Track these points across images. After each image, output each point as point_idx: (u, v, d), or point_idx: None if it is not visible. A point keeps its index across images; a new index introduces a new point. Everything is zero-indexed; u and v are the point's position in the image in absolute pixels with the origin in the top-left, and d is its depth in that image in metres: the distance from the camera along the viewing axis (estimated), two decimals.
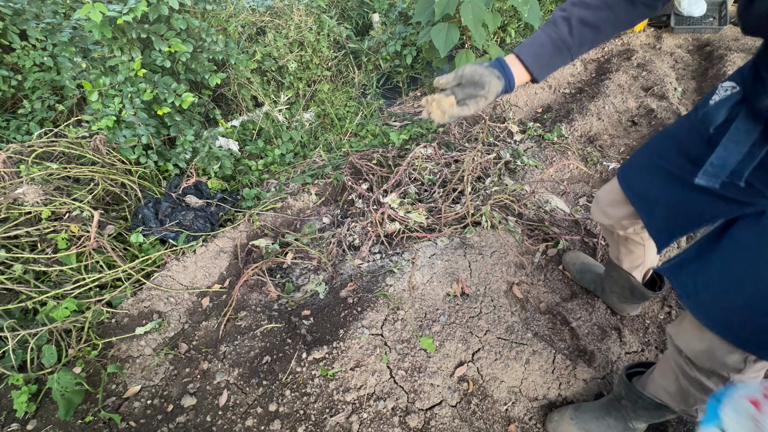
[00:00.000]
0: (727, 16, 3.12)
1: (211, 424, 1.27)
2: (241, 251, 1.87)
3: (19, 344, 1.37)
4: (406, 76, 3.37)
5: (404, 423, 1.25)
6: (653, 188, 0.90)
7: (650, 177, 0.92)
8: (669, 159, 0.87)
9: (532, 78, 0.88)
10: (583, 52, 0.86)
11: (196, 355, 1.46)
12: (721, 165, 0.69)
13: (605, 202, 1.11)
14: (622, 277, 1.32)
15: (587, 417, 1.18)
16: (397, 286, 1.57)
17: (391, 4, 3.45)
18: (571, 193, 2.06)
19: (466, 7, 2.09)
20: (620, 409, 1.12)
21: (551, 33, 0.84)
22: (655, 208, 0.90)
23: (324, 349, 1.39)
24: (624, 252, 1.23)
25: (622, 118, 2.49)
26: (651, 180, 0.91)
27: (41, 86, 2.18)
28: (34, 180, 1.75)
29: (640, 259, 1.22)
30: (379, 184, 2.17)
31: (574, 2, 0.83)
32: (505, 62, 0.87)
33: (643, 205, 0.93)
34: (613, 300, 1.47)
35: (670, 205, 0.86)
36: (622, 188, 1.00)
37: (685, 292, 0.77)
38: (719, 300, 0.72)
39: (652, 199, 0.90)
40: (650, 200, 0.91)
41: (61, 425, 1.26)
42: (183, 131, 2.09)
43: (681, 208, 0.84)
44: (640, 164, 0.96)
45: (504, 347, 1.41)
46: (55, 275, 1.59)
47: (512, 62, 0.87)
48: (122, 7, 1.75)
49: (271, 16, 2.87)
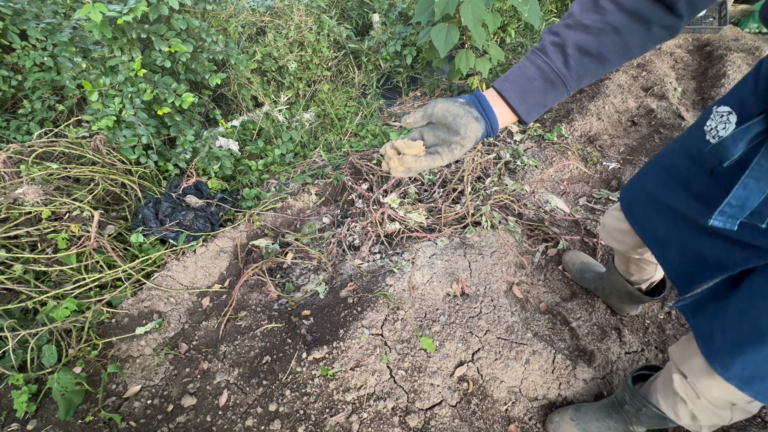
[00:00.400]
0: (727, 16, 3.12)
1: (211, 424, 1.27)
2: (241, 251, 1.87)
3: (19, 344, 1.37)
4: (406, 76, 3.37)
5: (404, 423, 1.25)
6: (660, 228, 0.81)
7: (654, 214, 0.83)
8: (670, 195, 0.77)
9: (519, 120, 0.71)
10: (583, 85, 0.70)
11: (196, 355, 1.46)
12: (741, 206, 0.59)
13: (614, 230, 1.06)
14: (620, 283, 1.33)
15: (588, 418, 1.17)
16: (397, 286, 1.57)
17: (391, 4, 3.45)
18: (571, 193, 2.06)
19: (466, 7, 2.09)
20: (621, 413, 1.11)
21: (541, 64, 0.67)
22: (667, 249, 0.81)
23: (324, 349, 1.39)
24: (635, 269, 1.22)
25: (622, 118, 2.49)
26: (656, 218, 0.82)
27: (41, 86, 2.18)
28: (34, 180, 1.75)
29: (650, 274, 1.22)
30: (379, 184, 2.17)
31: (569, 24, 0.65)
32: (485, 100, 0.70)
33: (654, 245, 0.85)
34: (612, 300, 1.48)
35: (683, 246, 0.76)
36: (629, 222, 0.92)
37: (700, 333, 0.73)
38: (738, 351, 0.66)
39: (661, 239, 0.82)
40: (659, 240, 0.82)
41: (61, 425, 1.26)
42: (183, 131, 2.09)
43: (695, 251, 0.74)
44: (642, 199, 0.87)
45: (504, 347, 1.41)
46: (55, 275, 1.59)
47: (494, 99, 0.70)
48: (122, 7, 1.75)
49: (271, 16, 2.87)
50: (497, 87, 0.70)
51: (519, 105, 0.69)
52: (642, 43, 0.65)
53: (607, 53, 0.65)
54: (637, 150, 2.26)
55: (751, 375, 0.65)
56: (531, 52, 0.68)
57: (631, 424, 1.09)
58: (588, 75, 0.67)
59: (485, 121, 0.69)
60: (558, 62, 0.66)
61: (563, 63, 0.66)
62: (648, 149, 2.23)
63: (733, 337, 0.66)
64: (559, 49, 0.66)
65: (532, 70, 0.68)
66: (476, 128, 0.68)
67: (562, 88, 0.68)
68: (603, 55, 0.65)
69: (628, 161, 2.20)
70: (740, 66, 2.70)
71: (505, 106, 0.70)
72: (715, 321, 0.69)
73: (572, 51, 0.65)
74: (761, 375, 0.64)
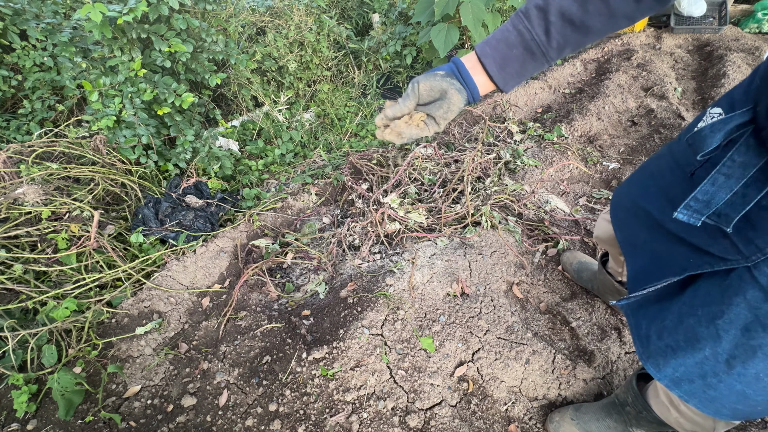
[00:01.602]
0: (727, 16, 3.12)
1: (211, 424, 1.27)
2: (241, 251, 1.87)
3: (19, 344, 1.37)
4: (406, 76, 3.37)
5: (404, 423, 1.25)
6: (637, 233, 0.81)
7: (634, 219, 0.82)
8: (650, 200, 0.76)
9: (497, 88, 0.73)
10: (563, 56, 0.68)
11: (196, 355, 1.46)
12: (707, 202, 0.56)
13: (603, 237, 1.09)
14: (608, 281, 1.36)
15: (588, 417, 1.17)
16: (397, 286, 1.57)
17: (391, 4, 3.45)
18: (571, 193, 2.06)
19: (466, 7, 2.09)
20: (622, 414, 1.09)
21: (523, 30, 0.66)
22: (638, 254, 0.81)
23: (324, 349, 1.39)
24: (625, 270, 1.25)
25: (622, 118, 2.50)
26: (634, 223, 0.82)
27: (41, 86, 2.18)
28: (34, 180, 1.75)
29: None
30: (379, 184, 2.17)
31: None
32: (464, 69, 0.70)
33: (628, 249, 0.84)
34: (607, 297, 1.49)
35: (653, 251, 0.76)
36: (612, 225, 0.92)
37: (638, 334, 0.73)
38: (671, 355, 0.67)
39: (636, 244, 0.81)
40: (634, 245, 0.82)
41: (61, 425, 1.26)
42: (183, 131, 2.09)
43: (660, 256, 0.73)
44: (626, 204, 0.87)
45: (504, 347, 1.41)
46: (55, 275, 1.59)
47: (474, 68, 0.70)
48: (122, 7, 1.75)
49: (271, 16, 2.87)
50: (478, 52, 0.70)
51: (497, 74, 0.69)
52: (630, 13, 0.62)
53: (591, 22, 0.63)
54: (637, 150, 2.26)
55: (680, 377, 0.67)
56: (515, 14, 0.67)
57: (631, 426, 1.09)
58: (569, 45, 0.66)
59: (467, 91, 0.71)
60: (539, 30, 0.65)
61: (544, 31, 0.65)
62: (648, 149, 2.23)
63: (669, 342, 0.67)
64: (542, 14, 0.64)
65: (514, 35, 0.67)
66: (459, 100, 0.71)
67: (542, 59, 0.68)
68: (586, 25, 0.63)
69: (628, 161, 2.20)
70: (740, 66, 2.70)
71: (485, 75, 0.71)
72: (653, 325, 0.70)
73: (555, 18, 0.63)
74: (689, 377, 0.65)
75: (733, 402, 0.62)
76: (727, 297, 0.57)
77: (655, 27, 3.37)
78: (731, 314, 0.56)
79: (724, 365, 0.59)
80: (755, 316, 0.53)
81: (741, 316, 0.55)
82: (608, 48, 3.19)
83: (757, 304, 0.53)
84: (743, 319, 0.55)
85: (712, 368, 0.61)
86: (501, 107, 2.67)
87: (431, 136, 0.74)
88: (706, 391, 0.63)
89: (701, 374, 0.63)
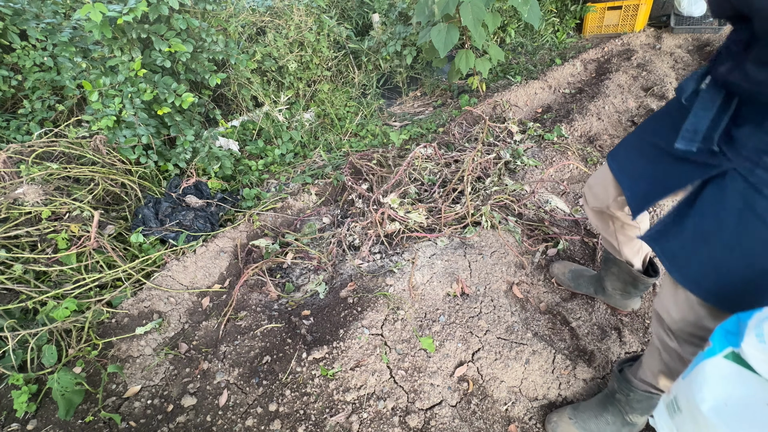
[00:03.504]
0: None
1: (211, 424, 1.27)
2: (241, 251, 1.87)
3: (19, 344, 1.37)
4: (406, 76, 3.37)
5: (404, 423, 1.25)
6: (639, 164, 0.93)
7: (638, 153, 0.95)
8: (661, 135, 0.89)
9: None
10: None
11: (196, 355, 1.46)
12: (694, 130, 0.74)
13: (596, 184, 1.15)
14: (623, 271, 1.33)
15: (585, 416, 1.19)
16: (397, 286, 1.57)
17: (391, 4, 3.45)
18: (571, 193, 2.06)
19: (466, 7, 2.09)
20: (616, 404, 1.14)
21: None
22: (638, 182, 0.93)
23: (324, 349, 1.39)
24: (623, 240, 1.24)
25: (622, 118, 2.50)
26: (639, 156, 0.94)
27: (41, 86, 2.18)
28: (34, 180, 1.75)
29: (638, 244, 1.25)
30: (379, 184, 2.17)
31: None
32: None
33: (626, 180, 0.97)
34: (616, 298, 1.47)
35: (654, 176, 0.89)
36: (609, 166, 1.03)
37: (665, 255, 0.83)
38: (691, 257, 0.78)
39: (637, 174, 0.93)
40: (634, 176, 0.94)
41: (61, 425, 1.26)
42: (183, 131, 2.09)
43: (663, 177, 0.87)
44: (631, 144, 0.99)
45: (504, 347, 1.41)
46: (55, 275, 1.59)
47: None
48: (122, 7, 1.75)
49: (271, 16, 2.87)
50: None
51: None
52: None
53: None
54: None
55: (697, 276, 0.77)
56: None
57: (626, 414, 1.12)
58: None
59: None
60: None
61: None
62: None
63: (689, 248, 0.79)
64: None
65: None
66: None
67: None
68: None
69: None
70: None
71: None
72: (676, 240, 0.81)
73: None
74: (705, 273, 0.76)
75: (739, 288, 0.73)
76: (726, 193, 0.72)
77: (655, 27, 3.37)
78: (728, 205, 0.71)
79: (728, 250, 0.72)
80: (744, 202, 0.69)
81: (735, 205, 0.70)
82: (608, 48, 3.19)
83: (744, 192, 0.69)
84: (737, 206, 0.70)
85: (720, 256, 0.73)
86: (501, 107, 2.67)
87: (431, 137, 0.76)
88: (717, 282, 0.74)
89: (714, 265, 0.74)
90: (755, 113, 0.67)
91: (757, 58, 0.62)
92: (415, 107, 3.18)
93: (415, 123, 2.76)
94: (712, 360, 0.61)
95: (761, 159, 0.66)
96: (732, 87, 0.68)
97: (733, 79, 0.67)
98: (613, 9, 3.27)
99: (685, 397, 0.65)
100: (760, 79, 0.62)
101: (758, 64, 0.62)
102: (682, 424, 0.66)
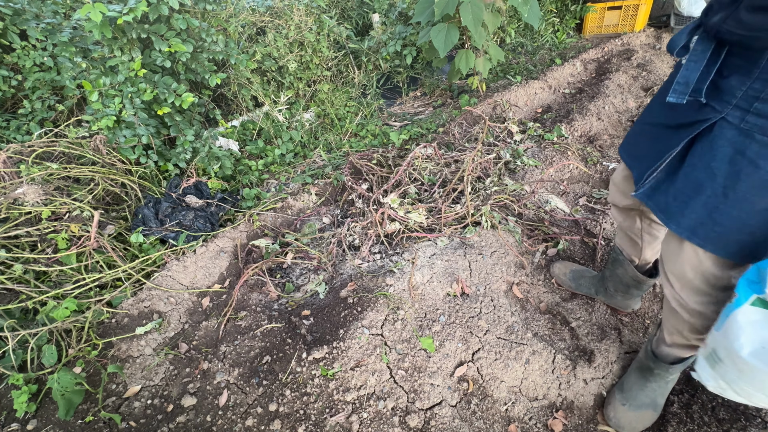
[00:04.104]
0: None
1: (211, 424, 1.27)
2: (241, 251, 1.87)
3: (19, 344, 1.37)
4: (406, 76, 3.37)
5: (404, 423, 1.25)
6: (643, 145, 0.96)
7: (640, 137, 0.99)
8: (656, 112, 0.94)
9: None
10: None
11: (196, 355, 1.46)
12: (686, 83, 0.76)
13: (618, 180, 1.17)
14: (628, 273, 1.33)
15: (633, 394, 1.22)
16: (397, 286, 1.57)
17: (391, 4, 3.45)
18: (571, 193, 2.06)
19: (466, 7, 2.09)
20: (655, 374, 1.18)
21: None
22: (642, 160, 0.96)
23: (324, 349, 1.39)
24: (648, 240, 1.23)
25: (622, 118, 2.50)
26: (642, 139, 0.98)
27: (41, 86, 2.18)
28: (34, 180, 1.75)
29: (659, 245, 1.24)
30: (379, 184, 2.17)
31: None
32: None
33: (633, 162, 1.00)
34: (617, 299, 1.47)
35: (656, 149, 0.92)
36: (621, 156, 1.07)
37: (659, 207, 0.87)
38: (685, 207, 0.81)
39: (642, 155, 0.96)
40: (640, 156, 0.97)
41: (61, 425, 1.26)
42: (183, 131, 2.09)
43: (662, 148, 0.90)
44: (635, 131, 1.03)
45: (504, 347, 1.41)
46: (55, 275, 1.59)
47: None
48: (122, 7, 1.75)
49: (271, 16, 2.87)
50: None
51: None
52: None
53: None
54: None
55: (695, 224, 0.80)
56: None
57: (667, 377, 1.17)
58: None
59: None
60: None
61: None
62: None
63: (682, 198, 0.82)
64: None
65: None
66: None
67: None
68: None
69: None
70: None
71: None
72: (668, 193, 0.85)
73: None
74: (701, 220, 0.79)
75: (736, 234, 0.76)
76: (715, 143, 0.75)
77: (655, 27, 3.37)
78: (719, 154, 0.74)
79: (721, 197, 0.75)
80: (734, 148, 0.71)
81: (726, 152, 0.73)
82: (608, 48, 3.19)
83: (734, 139, 0.71)
84: (728, 153, 0.72)
85: (714, 203, 0.76)
86: (501, 107, 2.67)
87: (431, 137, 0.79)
88: (714, 228, 0.77)
89: (708, 212, 0.77)
90: (744, 61, 0.70)
91: (749, 5, 0.64)
92: (415, 107, 3.18)
93: (415, 123, 2.76)
94: (741, 309, 0.65)
95: (752, 105, 0.68)
96: (725, 35, 0.70)
97: (727, 27, 0.69)
98: (613, 9, 3.27)
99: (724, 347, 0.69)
100: (754, 24, 0.64)
101: (751, 10, 0.64)
102: (725, 373, 0.70)
